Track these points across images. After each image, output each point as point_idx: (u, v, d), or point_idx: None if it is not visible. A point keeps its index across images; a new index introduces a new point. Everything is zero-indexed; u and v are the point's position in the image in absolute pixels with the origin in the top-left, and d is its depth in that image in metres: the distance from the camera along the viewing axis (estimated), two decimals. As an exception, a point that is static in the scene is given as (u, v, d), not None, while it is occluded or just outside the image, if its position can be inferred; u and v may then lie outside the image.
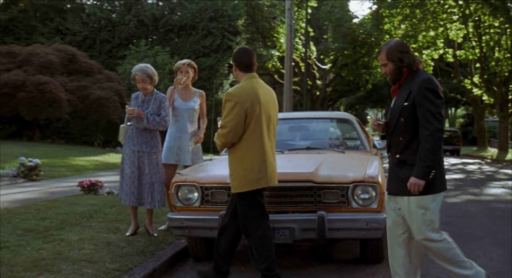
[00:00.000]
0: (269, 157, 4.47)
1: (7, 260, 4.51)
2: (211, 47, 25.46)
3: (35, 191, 9.47)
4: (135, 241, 5.53)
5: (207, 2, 25.81)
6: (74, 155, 16.47)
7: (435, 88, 3.77)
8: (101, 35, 25.77)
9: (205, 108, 6.51)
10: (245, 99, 4.37)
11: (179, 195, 5.13)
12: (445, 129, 7.88)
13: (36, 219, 6.25)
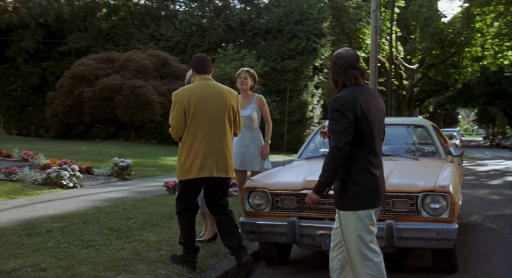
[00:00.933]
0: (206, 150, 4.66)
1: (91, 259, 4.75)
2: (296, 49, 25.48)
3: (126, 190, 9.88)
4: (210, 243, 5.65)
5: (293, 6, 25.85)
6: (164, 154, 17.02)
7: (340, 108, 3.61)
8: (192, 40, 26.46)
9: (268, 112, 6.36)
10: (182, 99, 4.64)
11: (250, 201, 5.20)
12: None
13: (122, 219, 6.54)
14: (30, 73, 27.04)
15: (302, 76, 25.42)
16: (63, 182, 9.61)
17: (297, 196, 5.03)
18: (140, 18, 28.06)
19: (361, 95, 3.71)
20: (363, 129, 3.67)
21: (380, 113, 3.84)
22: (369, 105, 3.72)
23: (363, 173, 3.69)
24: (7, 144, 16.36)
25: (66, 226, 6.04)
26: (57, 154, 14.18)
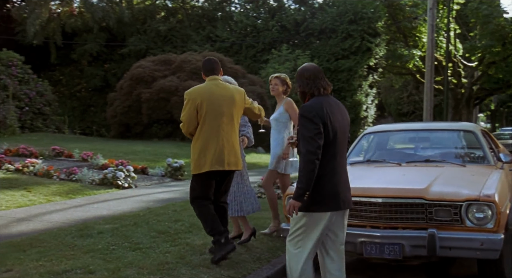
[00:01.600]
0: (218, 146, 4.92)
1: (137, 262, 4.87)
2: (350, 49, 25.20)
3: (177, 190, 10.04)
4: (254, 247, 5.68)
5: (347, 6, 25.57)
6: (219, 154, 17.17)
7: (309, 115, 3.79)
8: (247, 40, 26.60)
9: (296, 116, 5.91)
10: (195, 97, 4.92)
11: (292, 207, 5.20)
12: None
13: (170, 221, 6.66)
14: (93, 75, 27.92)
15: (356, 76, 25.14)
16: (118, 183, 9.87)
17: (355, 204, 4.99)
18: (197, 20, 28.47)
19: (328, 104, 3.90)
20: (328, 136, 3.83)
21: (344, 123, 4.01)
22: (334, 114, 3.90)
23: (324, 178, 3.82)
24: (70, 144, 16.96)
25: (117, 227, 6.21)
26: (115, 153, 14.58)
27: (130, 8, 28.82)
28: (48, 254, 4.99)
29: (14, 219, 6.85)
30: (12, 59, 22.40)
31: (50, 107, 23.03)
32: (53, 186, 9.30)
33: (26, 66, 22.87)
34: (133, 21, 27.83)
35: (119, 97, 20.79)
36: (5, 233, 6.08)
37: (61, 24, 27.37)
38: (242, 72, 21.94)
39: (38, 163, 10.61)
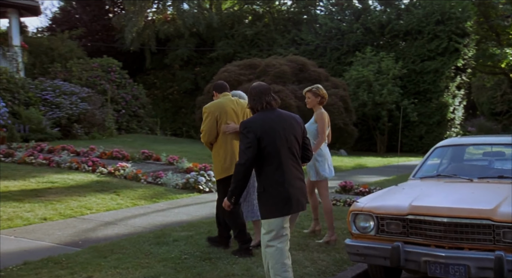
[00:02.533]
0: (237, 150, 5.12)
1: (205, 273, 5.04)
2: (436, 50, 24.34)
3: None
4: (319, 260, 5.70)
5: (434, 6, 24.70)
6: (300, 157, 17.19)
7: (243, 130, 4.20)
8: (331, 43, 26.40)
9: (322, 126, 6.36)
10: (214, 110, 5.63)
11: (356, 223, 5.17)
12: None
13: (244, 229, 6.79)
14: (184, 78, 28.82)
15: (442, 77, 24.24)
16: (200, 187, 10.18)
17: (402, 221, 4.91)
18: (282, 24, 28.63)
19: (268, 119, 4.27)
20: (267, 147, 4.18)
21: (289, 133, 4.30)
22: (274, 126, 4.24)
23: (274, 186, 4.21)
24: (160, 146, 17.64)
25: (192, 235, 6.43)
26: (200, 156, 14.98)
27: (218, 14, 29.43)
28: (125, 261, 5.28)
29: (102, 222, 7.27)
30: (112, 65, 23.62)
31: (144, 110, 24.06)
32: (140, 190, 9.74)
33: (124, 71, 24.03)
34: (221, 26, 28.42)
35: (206, 101, 21.27)
36: (92, 237, 6.47)
37: (155, 31, 28.45)
38: (325, 75, 21.80)
39: (128, 167, 11.15)
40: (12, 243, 6.02)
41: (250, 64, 21.49)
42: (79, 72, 22.48)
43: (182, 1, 28.18)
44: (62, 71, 22.75)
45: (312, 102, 6.47)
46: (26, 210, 7.56)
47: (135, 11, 27.02)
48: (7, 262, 5.26)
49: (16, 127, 16.82)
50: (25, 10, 22.12)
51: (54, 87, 19.80)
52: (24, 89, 18.84)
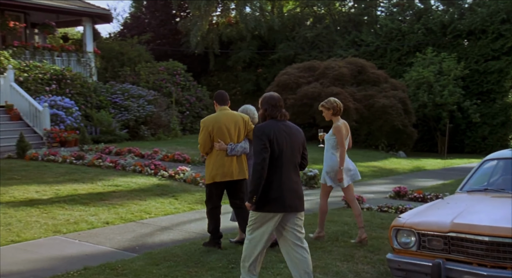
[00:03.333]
0: (228, 160, 6.16)
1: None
2: (501, 50, 23.37)
3: (309, 200, 10.18)
4: (363, 272, 5.69)
5: (499, 5, 23.71)
6: (357, 160, 16.93)
7: (257, 133, 4.64)
8: (392, 44, 25.91)
9: (340, 138, 6.70)
10: (208, 125, 6.14)
11: (398, 238, 5.15)
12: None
13: (290, 238, 6.87)
14: (246, 79, 29.11)
15: (507, 77, 23.28)
16: (255, 191, 10.32)
17: (444, 238, 4.86)
18: (343, 25, 28.36)
19: (277, 127, 4.70)
20: (274, 152, 4.62)
21: (293, 142, 4.75)
22: (282, 134, 4.69)
23: (271, 186, 4.61)
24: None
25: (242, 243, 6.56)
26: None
27: (280, 17, 29.51)
28: (176, 270, 5.48)
29: (159, 227, 7.54)
30: (177, 68, 24.23)
31: (208, 111, 24.51)
32: (197, 194, 9.98)
33: (188, 74, 24.59)
34: (282, 29, 28.48)
35: (265, 103, 21.48)
36: (148, 242, 6.74)
37: (218, 34, 28.88)
38: (385, 77, 21.46)
39: (188, 170, 11.45)
40: (75, 247, 6.38)
41: (309, 67, 21.46)
42: (146, 75, 23.20)
43: (245, 5, 28.44)
44: (131, 74, 23.55)
45: (327, 115, 6.81)
46: (91, 214, 7.95)
47: (200, 15, 27.52)
48: (69, 266, 5.59)
49: (88, 130, 17.63)
50: (98, 18, 23.04)
51: (123, 91, 20.56)
52: (96, 93, 19.68)
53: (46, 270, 5.51)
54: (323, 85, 19.92)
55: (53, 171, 11.21)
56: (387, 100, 19.69)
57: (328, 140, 6.85)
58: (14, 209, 7.91)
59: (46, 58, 20.07)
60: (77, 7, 21.46)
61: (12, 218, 7.43)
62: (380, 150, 20.76)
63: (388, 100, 19.74)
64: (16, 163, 12.29)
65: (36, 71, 17.94)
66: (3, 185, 9.58)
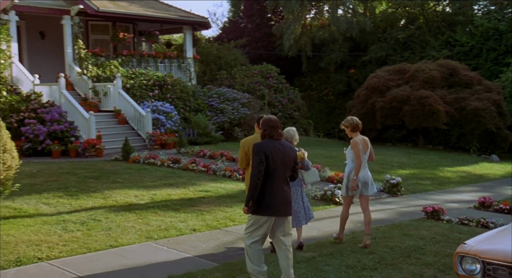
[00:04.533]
0: None
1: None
2: None
3: (388, 210, 10.12)
4: None
5: None
6: (446, 164, 16.46)
7: (255, 149, 5.41)
8: (488, 44, 24.58)
9: (356, 152, 7.26)
10: (245, 145, 6.64)
11: (462, 265, 5.08)
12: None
13: (363, 253, 6.91)
14: (338, 80, 28.94)
15: None
16: (336, 199, 10.39)
17: (509, 268, 4.73)
18: (436, 26, 27.28)
19: (272, 145, 5.45)
20: (269, 165, 5.35)
21: (286, 158, 5.48)
22: (277, 151, 5.44)
23: (264, 194, 5.35)
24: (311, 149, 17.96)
25: (314, 257, 6.70)
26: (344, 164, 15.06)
27: (372, 18, 28.97)
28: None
29: (240, 236, 7.77)
30: (270, 71, 24.62)
31: (299, 112, 24.71)
32: (281, 201, 10.22)
33: (281, 76, 24.90)
34: (374, 30, 27.95)
35: (356, 105, 21.29)
36: (229, 251, 7.06)
37: (311, 37, 28.93)
38: (478, 79, 20.48)
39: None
40: (163, 254, 6.85)
41: (399, 70, 20.97)
42: (241, 78, 23.79)
43: (337, 7, 28.23)
44: (227, 77, 24.25)
45: (348, 132, 7.45)
46: (181, 220, 8.44)
47: (293, 19, 27.72)
48: (153, 274, 6.05)
49: (186, 132, 18.49)
50: (198, 25, 23.96)
51: (219, 94, 21.27)
52: (194, 96, 20.54)
53: (134, 276, 6.00)
54: (413, 88, 19.41)
55: (151, 175, 11.95)
56: (479, 103, 18.81)
57: (348, 153, 7.45)
58: (115, 214, 8.59)
59: (150, 65, 21.23)
60: (178, 17, 22.46)
61: (112, 222, 8.09)
62: (471, 153, 19.89)
63: (480, 103, 18.85)
64: (120, 165, 13.20)
65: (141, 78, 19.06)
66: (108, 189, 10.40)
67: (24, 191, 9.67)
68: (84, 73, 18.72)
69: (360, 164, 7.25)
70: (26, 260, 6.28)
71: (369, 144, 7.47)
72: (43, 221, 7.96)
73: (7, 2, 17.06)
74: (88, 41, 21.52)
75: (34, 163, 13.38)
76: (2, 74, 16.70)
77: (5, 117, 15.14)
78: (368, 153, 7.43)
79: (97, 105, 18.02)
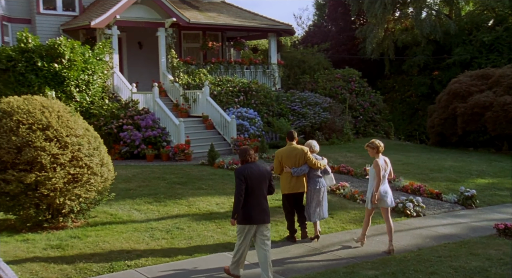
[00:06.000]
0: (293, 179, 8.41)
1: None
2: None
3: (460, 224, 9.83)
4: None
5: None
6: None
7: (236, 173, 6.65)
8: None
9: (378, 172, 7.98)
10: (278, 156, 8.45)
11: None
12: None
13: (425, 273, 6.85)
14: (421, 83, 28.09)
15: None
16: (407, 212, 10.31)
17: None
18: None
19: (251, 168, 6.66)
20: (248, 184, 6.53)
21: (261, 177, 6.68)
22: (253, 172, 6.62)
23: (245, 207, 6.54)
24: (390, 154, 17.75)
25: (377, 276, 6.78)
26: (421, 170, 14.71)
27: (457, 20, 27.81)
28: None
29: (311, 248, 8.08)
30: (352, 75, 24.46)
31: (380, 115, 24.36)
32: (353, 212, 10.30)
33: (363, 80, 24.65)
34: (459, 33, 26.80)
35: (437, 110, 20.64)
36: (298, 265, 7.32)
37: (393, 40, 28.32)
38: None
39: (347, 186, 11.80)
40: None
41: (482, 75, 20.06)
42: (323, 82, 23.84)
43: (421, 10, 27.38)
44: (310, 81, 24.38)
45: (371, 153, 8.16)
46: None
47: (376, 23, 27.27)
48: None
49: (269, 135, 18.93)
50: (283, 32, 24.30)
51: (301, 99, 21.50)
52: (277, 101, 20.92)
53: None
54: (496, 94, 18.53)
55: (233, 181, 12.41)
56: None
57: (371, 171, 8.20)
58: (196, 222, 9.14)
59: (236, 71, 21.89)
60: (264, 25, 22.94)
61: (194, 231, 8.63)
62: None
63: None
64: (206, 170, 13.85)
65: (227, 85, 19.72)
66: (193, 195, 11.02)
67: (119, 196, 10.51)
68: (176, 81, 19.69)
69: (380, 181, 8.00)
70: (118, 267, 6.94)
71: (389, 164, 8.24)
72: (134, 228, 8.67)
73: (111, 19, 18.30)
74: (180, 49, 22.59)
75: (130, 166, 14.39)
76: (105, 83, 18.00)
77: (107, 123, 16.38)
78: (388, 171, 8.18)
79: (187, 111, 18.92)
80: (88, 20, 18.28)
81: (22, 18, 19.24)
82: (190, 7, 22.27)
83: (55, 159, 7.85)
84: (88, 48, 16.80)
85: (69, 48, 16.13)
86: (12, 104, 8.10)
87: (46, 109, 8.14)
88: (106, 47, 17.91)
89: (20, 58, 15.77)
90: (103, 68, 17.44)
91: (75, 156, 8.06)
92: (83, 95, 16.51)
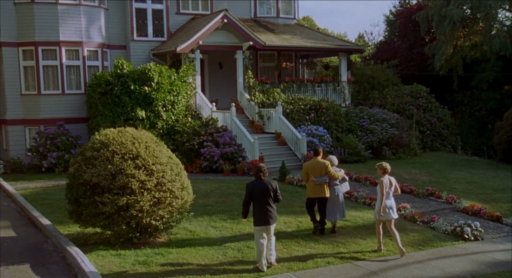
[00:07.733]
0: (317, 186, 9.90)
1: None
2: None
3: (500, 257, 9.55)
4: None
5: None
6: None
7: (246, 187, 8.40)
8: None
9: (381, 190, 8.99)
10: (306, 168, 10.01)
11: None
12: None
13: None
14: (490, 98, 26.91)
15: None
16: (465, 236, 10.08)
17: None
18: None
19: (256, 183, 8.29)
20: (253, 196, 8.22)
21: (264, 190, 8.22)
22: (257, 187, 8.26)
23: (255, 212, 8.22)
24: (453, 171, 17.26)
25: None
26: (484, 190, 14.22)
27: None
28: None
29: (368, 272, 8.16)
30: (420, 92, 23.93)
31: (448, 130, 23.64)
32: (411, 234, 10.20)
33: (430, 96, 24.04)
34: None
35: (504, 127, 19.76)
36: (354, 288, 7.53)
37: (462, 56, 27.36)
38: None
39: (408, 208, 11.70)
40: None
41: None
42: (392, 98, 23.52)
43: (491, 27, 26.24)
44: (379, 97, 24.13)
45: (379, 173, 9.16)
46: (319, 251, 9.03)
47: (445, 40, 26.49)
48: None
49: (338, 151, 19.04)
50: (353, 51, 24.26)
51: (369, 115, 21.38)
52: (346, 118, 20.96)
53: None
54: None
55: (301, 199, 12.65)
56: None
57: (377, 189, 9.21)
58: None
59: (308, 89, 22.15)
60: (334, 46, 23.03)
61: (261, 250, 9.05)
62: None
63: None
64: (277, 186, 14.23)
65: (299, 103, 20.04)
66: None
67: (198, 212, 11.15)
68: (252, 100, 20.29)
69: (383, 197, 8.95)
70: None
71: (394, 182, 9.16)
72: (209, 246, 9.23)
73: (194, 44, 19.24)
74: (257, 68, 23.23)
75: (209, 180, 15.10)
76: (188, 102, 18.94)
77: (189, 140, 17.27)
78: (393, 188, 9.14)
79: (262, 127, 19.45)
80: (175, 45, 19.30)
81: (118, 45, 20.64)
82: (266, 30, 22.83)
83: (143, 185, 8.58)
84: (174, 72, 17.81)
85: (157, 72, 17.20)
86: (109, 136, 8.93)
87: (136, 140, 8.90)
88: (190, 70, 18.86)
89: (116, 82, 17.06)
90: (186, 89, 18.39)
91: (160, 181, 8.75)
92: (169, 114, 17.52)
